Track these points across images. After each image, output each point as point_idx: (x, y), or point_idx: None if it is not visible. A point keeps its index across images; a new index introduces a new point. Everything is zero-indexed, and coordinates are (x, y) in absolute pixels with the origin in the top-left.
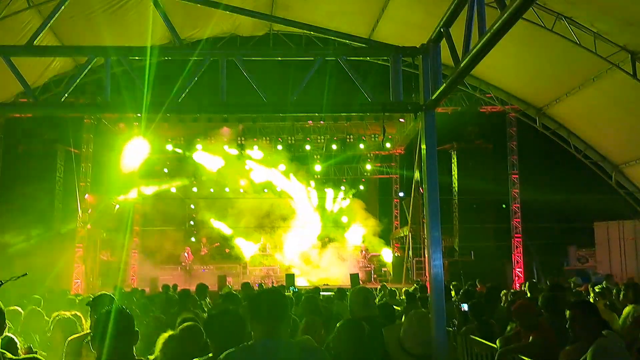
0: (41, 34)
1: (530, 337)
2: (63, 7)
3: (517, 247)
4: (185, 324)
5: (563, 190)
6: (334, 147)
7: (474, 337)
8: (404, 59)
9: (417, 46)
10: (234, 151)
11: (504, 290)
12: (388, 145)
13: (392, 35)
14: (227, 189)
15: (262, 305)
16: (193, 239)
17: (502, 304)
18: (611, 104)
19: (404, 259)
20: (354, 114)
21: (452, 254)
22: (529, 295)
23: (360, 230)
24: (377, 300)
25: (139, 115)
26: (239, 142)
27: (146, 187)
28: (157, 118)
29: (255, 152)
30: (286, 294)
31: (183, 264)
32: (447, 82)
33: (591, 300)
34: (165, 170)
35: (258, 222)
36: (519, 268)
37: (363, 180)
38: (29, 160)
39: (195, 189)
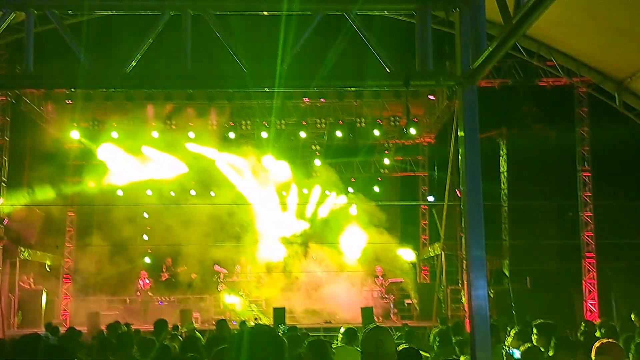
0: None
1: None
2: None
3: (589, 271)
4: None
5: None
6: (339, 134)
7: None
8: (434, 13)
9: None
10: (202, 148)
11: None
12: (413, 131)
13: None
14: (192, 192)
15: (248, 351)
16: (148, 260)
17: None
18: None
19: (435, 288)
20: (365, 89)
21: (500, 281)
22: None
23: (374, 248)
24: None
25: (72, 90)
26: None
27: (83, 189)
28: (98, 95)
29: (231, 141)
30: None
31: (138, 293)
32: (493, 45)
33: None
34: (110, 166)
35: (230, 234)
36: (591, 300)
37: (379, 179)
38: None
39: (149, 192)
